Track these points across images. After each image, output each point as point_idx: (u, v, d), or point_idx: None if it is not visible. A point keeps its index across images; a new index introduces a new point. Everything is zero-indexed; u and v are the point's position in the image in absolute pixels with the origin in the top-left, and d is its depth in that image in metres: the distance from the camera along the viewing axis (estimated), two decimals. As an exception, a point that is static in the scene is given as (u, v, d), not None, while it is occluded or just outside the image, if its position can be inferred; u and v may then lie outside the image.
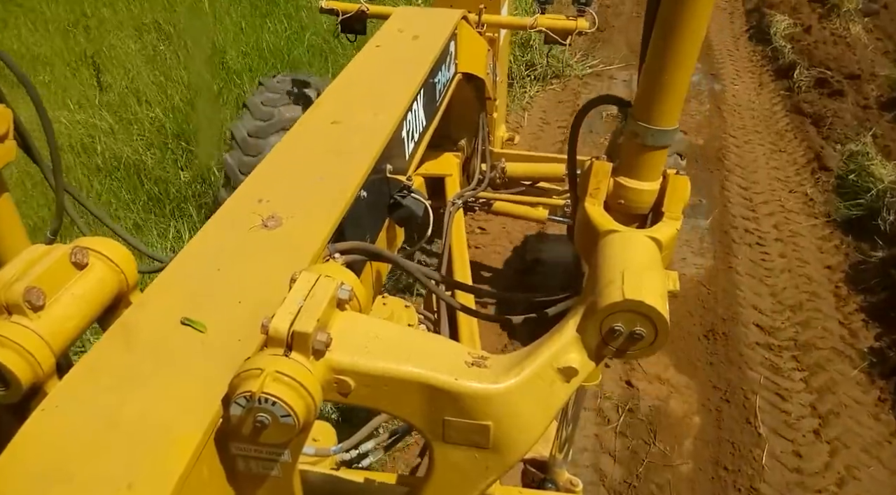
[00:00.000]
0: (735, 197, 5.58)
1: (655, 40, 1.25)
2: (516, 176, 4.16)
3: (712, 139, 6.41)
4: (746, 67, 8.02)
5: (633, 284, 1.15)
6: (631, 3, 9.72)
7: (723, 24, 9.31)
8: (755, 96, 7.31)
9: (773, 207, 5.47)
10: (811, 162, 6.01)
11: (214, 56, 7.35)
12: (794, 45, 7.89)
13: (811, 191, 5.65)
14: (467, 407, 1.17)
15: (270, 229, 1.57)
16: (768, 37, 8.38)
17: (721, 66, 8.01)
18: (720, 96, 7.25)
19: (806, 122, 6.59)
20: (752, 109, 7.03)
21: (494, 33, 3.57)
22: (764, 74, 7.82)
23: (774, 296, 4.52)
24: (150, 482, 1.02)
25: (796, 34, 8.14)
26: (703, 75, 7.75)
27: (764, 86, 7.55)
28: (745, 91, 7.42)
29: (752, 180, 5.84)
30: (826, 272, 4.77)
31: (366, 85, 2.31)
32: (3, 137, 1.73)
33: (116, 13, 8.72)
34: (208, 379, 1.16)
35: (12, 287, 1.25)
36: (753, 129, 6.66)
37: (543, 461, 2.27)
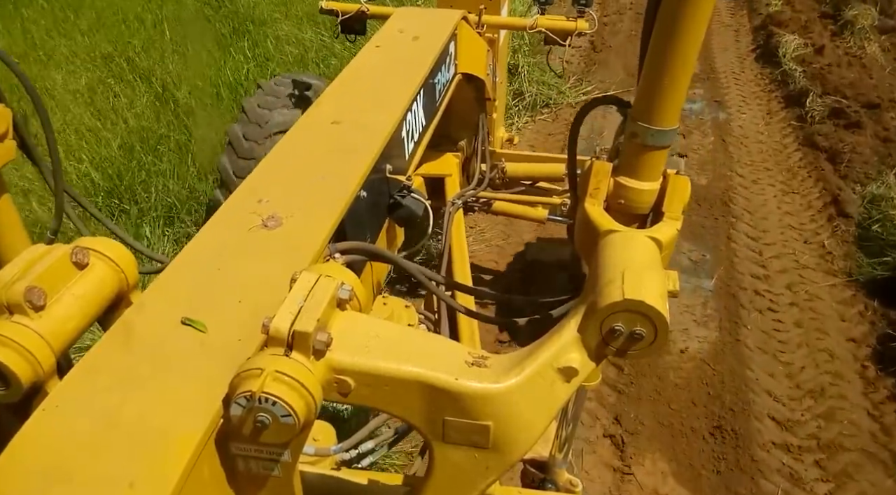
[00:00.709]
0: (742, 250, 4.87)
1: (655, 40, 1.26)
2: (516, 176, 4.16)
3: (717, 178, 5.72)
4: (754, 93, 7.33)
5: (634, 284, 1.15)
6: (629, 21, 9.15)
7: (727, 44, 8.67)
8: (763, 127, 6.60)
9: (786, 263, 4.74)
10: (828, 206, 5.27)
11: (166, 93, 6.70)
12: (805, 68, 7.19)
13: (829, 242, 4.89)
14: (467, 407, 1.17)
15: (270, 229, 1.57)
16: (777, 58, 7.68)
17: (726, 91, 7.34)
18: (725, 127, 6.57)
19: (820, 158, 5.87)
20: (761, 142, 6.32)
21: (494, 34, 3.57)
22: (773, 101, 7.08)
23: (791, 378, 3.84)
24: (150, 481, 1.02)
25: (807, 56, 7.42)
26: (706, 102, 7.08)
27: (773, 114, 6.81)
28: (753, 121, 6.71)
29: (762, 228, 5.10)
30: (850, 347, 4.06)
31: (366, 85, 2.31)
32: (3, 137, 1.73)
33: (70, 43, 7.94)
34: (209, 379, 1.16)
35: (13, 287, 1.25)
36: (762, 166, 5.94)
37: (543, 461, 2.27)
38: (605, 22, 9.21)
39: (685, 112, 6.26)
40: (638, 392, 3.72)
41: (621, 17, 9.37)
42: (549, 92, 6.86)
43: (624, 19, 9.27)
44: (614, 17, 9.44)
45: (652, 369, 3.83)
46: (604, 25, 9.02)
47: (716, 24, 9.16)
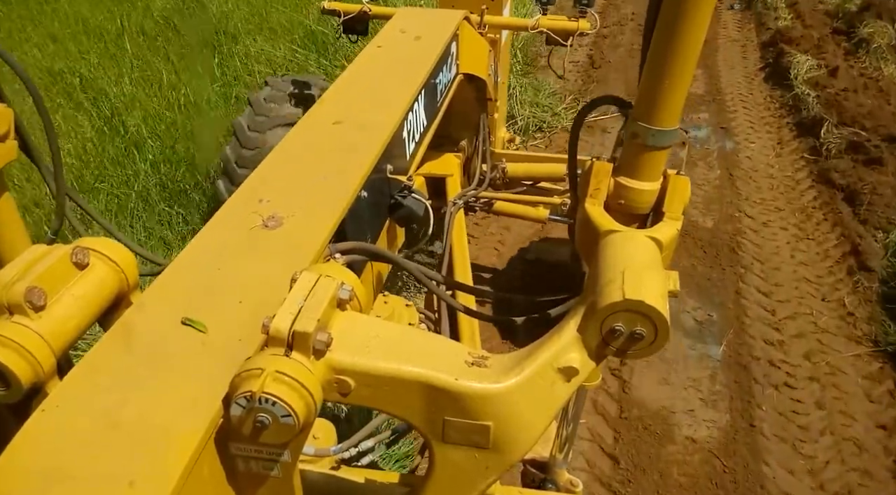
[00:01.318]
0: (753, 307, 4.27)
1: (656, 41, 1.25)
2: (517, 176, 4.16)
3: (724, 220, 5.11)
4: (763, 118, 6.74)
5: (634, 284, 1.15)
6: (630, 33, 8.59)
7: (734, 61, 8.07)
8: (774, 159, 6.00)
9: (802, 325, 4.13)
10: (847, 257, 4.69)
11: (114, 118, 5.97)
12: (818, 92, 6.59)
13: (850, 300, 4.31)
14: (467, 407, 1.17)
15: (271, 229, 1.57)
16: (788, 80, 7.08)
17: (733, 116, 6.76)
18: (732, 158, 5.99)
19: (837, 198, 5.28)
20: (772, 177, 5.72)
21: (496, 34, 3.57)
22: (784, 128, 6.50)
23: (814, 477, 3.26)
24: (151, 481, 1.02)
25: (821, 79, 6.80)
26: (712, 129, 6.53)
27: (784, 144, 6.22)
28: (763, 151, 6.13)
29: (775, 281, 4.50)
30: (879, 436, 3.47)
31: (367, 85, 2.31)
32: (4, 137, 1.73)
33: (24, 57, 7.22)
34: (209, 379, 1.16)
35: (13, 287, 1.25)
36: (773, 205, 5.33)
37: (543, 461, 2.27)
38: (605, 34, 8.63)
39: (690, 140, 5.97)
40: (636, 493, 3.19)
41: (622, 28, 8.83)
42: (543, 114, 6.32)
43: (625, 31, 8.72)
44: (614, 28, 8.87)
45: (653, 463, 3.31)
46: (602, 38, 8.49)
47: (722, 39, 8.74)
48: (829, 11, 8.72)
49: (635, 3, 9.64)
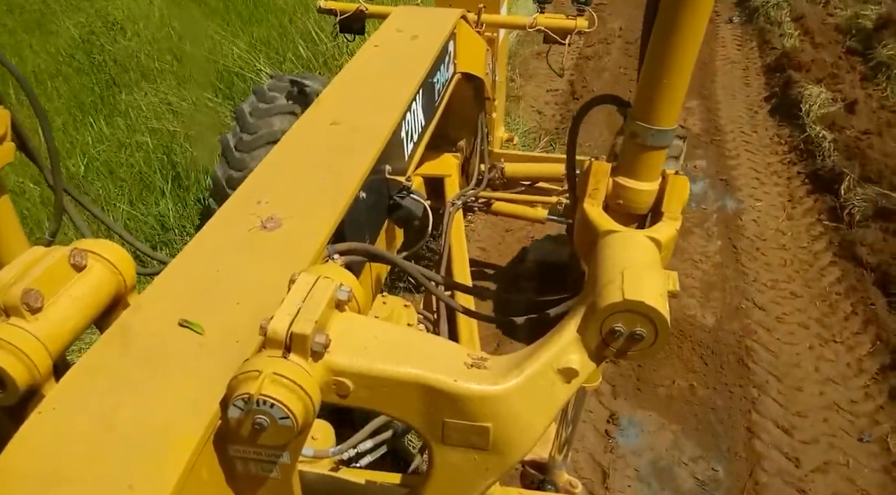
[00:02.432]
0: (772, 455, 3.22)
1: (654, 40, 1.25)
2: (515, 176, 4.15)
3: (729, 315, 4.04)
4: (770, 165, 5.69)
5: (633, 284, 1.15)
6: (618, 53, 7.67)
7: (735, 88, 7.05)
8: (786, 223, 4.91)
9: (835, 481, 3.09)
10: (886, 372, 3.63)
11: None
12: (835, 134, 5.53)
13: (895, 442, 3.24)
14: (467, 409, 1.17)
15: (269, 230, 1.57)
16: (798, 116, 6.03)
17: (735, 163, 5.70)
18: (735, 223, 4.92)
19: (867, 281, 4.21)
20: (784, 248, 4.65)
21: (493, 33, 3.57)
22: (795, 179, 5.44)
23: None
24: (149, 483, 1.01)
25: (837, 116, 5.73)
26: (710, 181, 5.44)
27: (797, 202, 5.15)
28: (771, 212, 5.05)
29: (797, 409, 3.46)
30: None
31: (365, 85, 2.31)
32: (2, 139, 1.73)
33: None
34: (206, 380, 1.16)
35: (10, 289, 1.24)
36: (788, 291, 4.26)
37: (543, 462, 2.26)
38: (588, 54, 7.64)
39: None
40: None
41: (608, 47, 7.85)
42: None
43: (612, 50, 7.76)
44: (599, 47, 7.86)
45: None
46: (586, 59, 7.53)
47: (721, 61, 7.76)
48: (840, 27, 7.72)
49: (623, 16, 8.66)
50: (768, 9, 8.49)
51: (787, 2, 8.43)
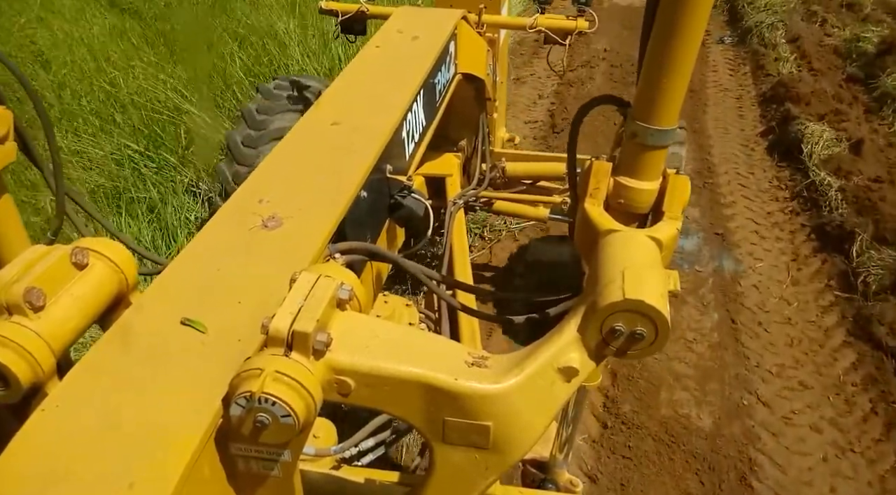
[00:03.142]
0: None
1: (654, 40, 1.25)
2: (516, 175, 4.15)
3: (728, 414, 3.50)
4: (770, 215, 5.09)
5: (634, 284, 1.15)
6: (602, 78, 7.18)
7: (728, 119, 6.53)
8: (790, 289, 4.30)
9: None
10: None
11: None
12: (841, 181, 4.98)
13: None
14: (467, 408, 1.17)
15: (270, 229, 1.57)
16: (799, 157, 5.53)
17: (731, 212, 5.10)
18: (734, 290, 4.34)
19: (887, 369, 3.66)
20: (789, 322, 4.06)
21: (494, 33, 3.57)
22: (799, 233, 4.86)
23: None
24: (150, 482, 1.02)
25: (843, 159, 5.19)
26: (704, 236, 4.83)
27: (802, 262, 4.55)
28: (774, 275, 4.45)
29: None
30: None
31: (366, 85, 2.31)
32: (4, 139, 1.73)
33: None
34: (208, 379, 1.16)
35: (12, 287, 1.25)
36: (796, 379, 3.70)
37: (543, 461, 2.27)
38: (570, 80, 7.08)
39: (675, 262, 4.30)
40: None
41: (592, 71, 7.30)
42: (483, 213, 4.52)
43: (596, 75, 7.24)
44: (582, 72, 7.31)
45: None
46: (568, 86, 6.98)
47: (712, 88, 7.24)
48: (839, 50, 7.36)
49: (609, 35, 8.17)
50: (762, 29, 8.06)
51: (782, 22, 8.06)
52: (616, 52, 7.88)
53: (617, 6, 9.66)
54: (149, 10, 8.48)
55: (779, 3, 8.60)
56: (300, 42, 7.08)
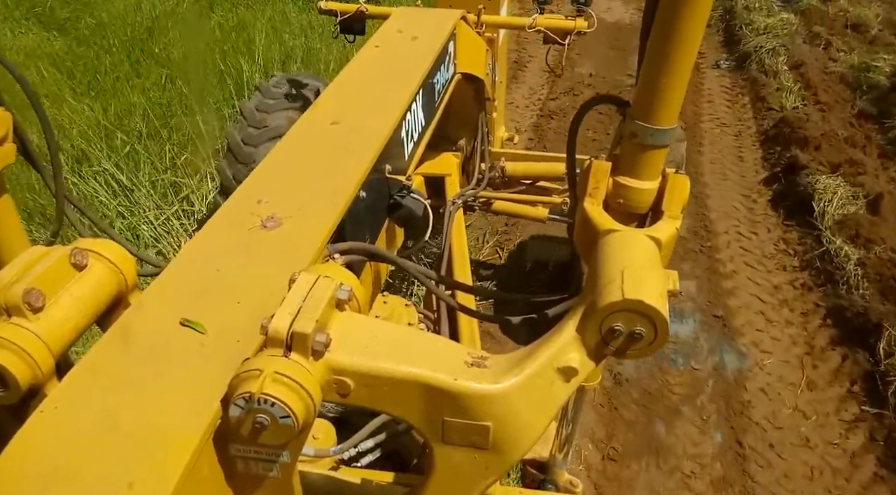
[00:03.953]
0: None
1: (654, 39, 1.25)
2: (516, 175, 4.15)
3: None
4: (778, 290, 4.35)
5: (633, 284, 1.15)
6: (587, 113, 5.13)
7: (727, 162, 5.79)
8: (806, 395, 3.61)
9: None
10: None
11: None
12: (861, 252, 4.26)
13: None
14: (467, 408, 1.17)
15: (269, 230, 1.57)
16: (809, 213, 4.78)
17: (732, 285, 4.40)
18: (738, 397, 3.62)
19: None
20: (807, 445, 3.34)
21: (493, 33, 3.57)
22: (813, 315, 4.12)
23: None
24: (150, 482, 1.02)
25: (861, 222, 4.46)
26: (702, 318, 4.13)
27: (819, 357, 3.84)
28: (786, 375, 3.74)
29: None
30: None
31: (365, 85, 2.31)
32: (3, 140, 1.73)
33: None
34: (207, 380, 1.16)
35: (11, 288, 1.24)
36: None
37: (543, 461, 2.27)
38: (551, 110, 6.37)
39: (668, 357, 3.85)
40: None
41: (575, 100, 6.59)
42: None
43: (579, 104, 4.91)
44: (564, 100, 6.62)
45: None
46: (548, 118, 6.30)
47: (707, 122, 6.46)
48: (846, 78, 6.69)
49: (595, 58, 7.52)
50: (762, 55, 7.36)
51: (783, 46, 7.37)
52: (602, 78, 7.10)
53: (603, 23, 8.62)
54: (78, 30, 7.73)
55: (779, 26, 7.93)
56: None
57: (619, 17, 9.23)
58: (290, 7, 8.46)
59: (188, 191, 4.94)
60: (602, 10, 9.03)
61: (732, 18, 8.79)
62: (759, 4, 8.76)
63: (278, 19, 7.98)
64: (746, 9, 8.71)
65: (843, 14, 8.29)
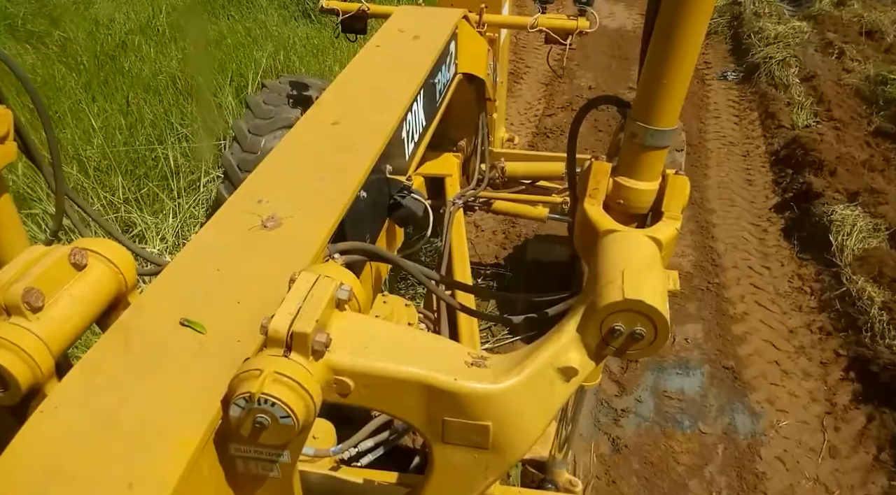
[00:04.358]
0: None
1: (655, 40, 1.25)
2: (516, 175, 4.16)
3: None
4: (794, 335, 3.93)
5: (633, 284, 1.15)
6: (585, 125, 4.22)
7: (735, 187, 5.33)
8: (828, 463, 3.25)
9: None
10: None
11: None
12: (884, 294, 3.86)
13: None
14: (467, 408, 1.17)
15: (270, 229, 1.57)
16: (826, 247, 4.37)
17: (743, 331, 3.98)
18: (751, 467, 3.27)
19: None
20: None
21: (495, 33, 3.57)
22: (833, 366, 3.72)
23: None
24: (150, 482, 1.02)
25: (884, 259, 4.07)
26: (710, 370, 3.75)
27: (841, 417, 3.45)
28: (804, 439, 3.37)
29: None
30: None
31: (366, 85, 2.31)
32: (4, 138, 1.73)
33: None
34: (207, 379, 1.16)
35: (11, 288, 1.24)
36: None
37: (543, 461, 2.27)
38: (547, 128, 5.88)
39: (673, 418, 3.51)
40: None
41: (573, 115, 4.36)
42: None
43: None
44: (562, 116, 6.14)
45: None
46: (543, 136, 5.85)
47: (713, 140, 6.02)
48: (861, 92, 6.34)
49: (596, 70, 7.17)
50: (772, 66, 6.93)
51: (794, 57, 6.96)
52: (603, 91, 6.51)
53: (606, 30, 8.31)
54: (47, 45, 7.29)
55: (790, 34, 7.52)
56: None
57: (622, 24, 8.75)
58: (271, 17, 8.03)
59: (143, 227, 4.36)
60: (604, 16, 8.42)
61: (740, 25, 8.34)
62: (768, 10, 8.43)
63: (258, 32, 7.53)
64: (756, 15, 8.37)
65: (857, 20, 7.94)
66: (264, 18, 7.99)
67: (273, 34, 7.51)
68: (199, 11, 8.29)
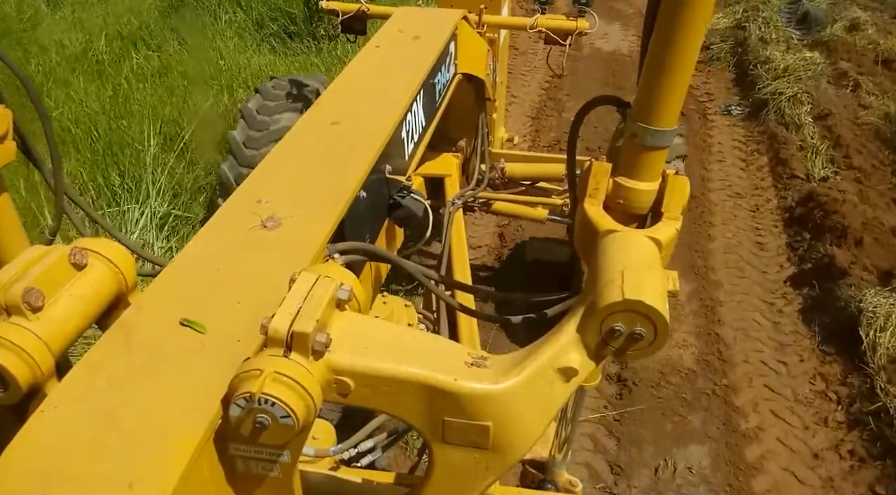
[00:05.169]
0: None
1: (655, 40, 1.25)
2: (515, 176, 4.16)
3: None
4: (819, 462, 3.21)
5: (633, 284, 1.15)
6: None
7: (744, 251, 4.59)
8: None
9: None
10: None
11: None
12: None
13: None
14: (467, 408, 1.17)
15: (270, 230, 1.57)
16: (854, 340, 3.65)
17: (758, 455, 3.25)
18: None
19: None
20: None
21: (495, 34, 3.57)
22: None
23: None
24: (150, 482, 1.02)
25: None
26: None
27: None
28: None
29: None
30: None
31: (366, 85, 2.31)
32: (3, 138, 1.73)
33: None
34: (208, 379, 1.16)
35: (11, 288, 1.24)
36: None
37: (543, 461, 2.27)
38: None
39: None
40: None
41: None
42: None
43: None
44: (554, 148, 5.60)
45: None
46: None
47: (717, 189, 5.27)
48: (881, 133, 5.68)
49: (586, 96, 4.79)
50: (781, 103, 6.18)
51: (806, 93, 6.23)
52: (594, 127, 5.76)
53: (599, 53, 7.62)
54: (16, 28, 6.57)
55: (801, 66, 6.75)
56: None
57: (617, 47, 7.84)
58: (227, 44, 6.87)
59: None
60: (597, 36, 7.61)
61: (745, 52, 7.48)
62: (776, 35, 7.62)
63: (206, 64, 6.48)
64: (762, 41, 7.54)
65: (872, 47, 7.27)
66: (221, 45, 6.99)
67: (225, 67, 6.52)
68: (150, 36, 7.23)
